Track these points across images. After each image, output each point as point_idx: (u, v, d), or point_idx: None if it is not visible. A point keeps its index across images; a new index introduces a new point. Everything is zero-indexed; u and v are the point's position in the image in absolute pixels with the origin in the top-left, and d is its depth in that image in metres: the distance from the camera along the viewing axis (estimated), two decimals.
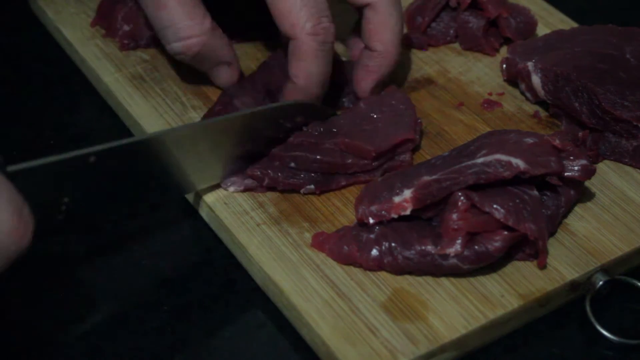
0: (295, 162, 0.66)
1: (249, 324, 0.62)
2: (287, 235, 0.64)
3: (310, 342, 0.59)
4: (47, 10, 0.85)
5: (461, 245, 0.59)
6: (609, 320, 0.61)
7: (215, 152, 0.65)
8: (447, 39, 0.83)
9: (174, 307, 0.62)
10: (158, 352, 0.60)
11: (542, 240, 0.60)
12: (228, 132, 0.65)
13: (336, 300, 0.59)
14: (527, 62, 0.74)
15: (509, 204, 0.60)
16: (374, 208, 0.62)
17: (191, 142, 0.63)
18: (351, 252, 0.62)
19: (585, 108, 0.71)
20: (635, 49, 0.74)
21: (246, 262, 0.64)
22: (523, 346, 0.61)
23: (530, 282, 0.61)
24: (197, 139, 0.64)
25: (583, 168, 0.63)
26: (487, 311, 0.59)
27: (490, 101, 0.77)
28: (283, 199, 0.67)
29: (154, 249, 0.67)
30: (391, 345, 0.57)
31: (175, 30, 0.69)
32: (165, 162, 0.63)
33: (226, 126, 0.65)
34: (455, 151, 0.66)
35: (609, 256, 0.63)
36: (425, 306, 0.59)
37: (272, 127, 0.67)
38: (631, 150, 0.70)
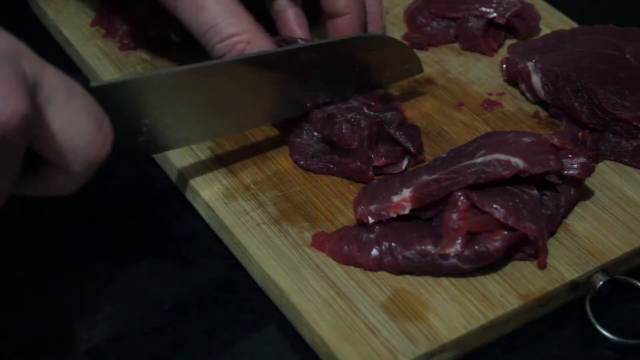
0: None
1: (249, 324, 0.62)
2: (287, 235, 0.64)
3: (310, 342, 0.59)
4: (47, 10, 0.85)
5: (461, 245, 0.59)
6: (609, 320, 0.61)
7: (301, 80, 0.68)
8: (447, 39, 0.83)
9: (174, 307, 0.62)
10: (158, 352, 0.60)
11: (542, 240, 0.60)
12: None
13: (336, 300, 0.59)
14: (527, 62, 0.75)
15: (508, 203, 0.60)
16: (373, 207, 0.62)
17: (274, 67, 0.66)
18: (351, 252, 0.62)
19: (585, 108, 0.71)
20: (635, 49, 0.74)
21: (246, 262, 0.64)
22: (523, 346, 0.61)
23: (530, 282, 0.61)
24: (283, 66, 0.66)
25: (582, 166, 0.63)
26: (487, 311, 0.59)
27: (490, 101, 0.77)
28: (283, 199, 0.67)
29: (154, 248, 0.67)
30: (391, 345, 0.57)
31: (218, 30, 0.67)
32: (244, 87, 0.64)
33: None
34: (454, 152, 0.66)
35: (609, 256, 0.63)
36: (425, 306, 0.59)
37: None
38: (631, 150, 0.70)
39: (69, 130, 0.51)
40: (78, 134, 0.51)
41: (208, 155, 0.70)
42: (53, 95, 0.50)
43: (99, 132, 0.52)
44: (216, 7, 0.67)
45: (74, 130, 0.51)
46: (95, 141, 0.52)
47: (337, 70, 0.69)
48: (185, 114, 0.64)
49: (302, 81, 0.68)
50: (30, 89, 0.48)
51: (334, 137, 0.68)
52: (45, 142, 0.50)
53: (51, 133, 0.50)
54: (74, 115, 0.51)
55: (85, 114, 0.52)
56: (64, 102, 0.50)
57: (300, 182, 0.68)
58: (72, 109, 0.51)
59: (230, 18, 0.67)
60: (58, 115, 0.50)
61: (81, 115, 0.51)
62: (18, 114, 0.46)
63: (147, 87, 0.61)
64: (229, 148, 0.71)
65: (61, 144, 0.51)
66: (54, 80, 0.50)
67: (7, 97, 0.46)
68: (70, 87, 0.51)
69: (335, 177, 0.69)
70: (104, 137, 0.53)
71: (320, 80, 0.69)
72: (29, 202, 0.61)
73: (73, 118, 0.51)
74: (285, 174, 0.69)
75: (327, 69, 0.69)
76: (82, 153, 0.52)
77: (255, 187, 0.68)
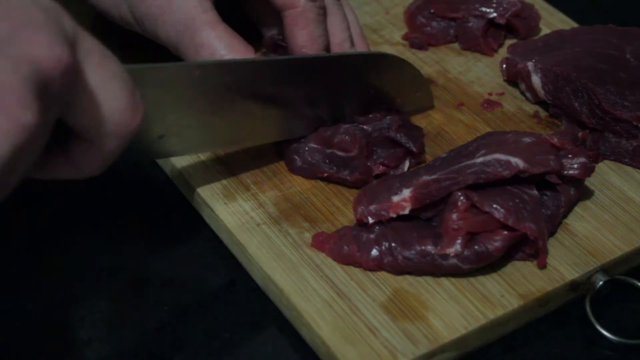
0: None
1: (249, 324, 0.62)
2: (287, 235, 0.64)
3: (310, 342, 0.59)
4: None
5: (461, 245, 0.59)
6: (609, 320, 0.61)
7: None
8: (447, 39, 0.83)
9: (174, 307, 0.62)
10: (158, 352, 0.60)
11: (542, 240, 0.60)
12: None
13: (336, 300, 0.59)
14: (527, 62, 0.75)
15: (508, 203, 0.60)
16: (372, 207, 0.62)
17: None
18: (351, 252, 0.62)
19: (585, 108, 0.71)
20: (635, 49, 0.74)
21: (246, 262, 0.64)
22: (523, 346, 0.61)
23: (530, 282, 0.61)
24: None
25: (582, 166, 0.63)
26: (487, 311, 0.59)
27: (490, 101, 0.77)
28: (283, 199, 0.67)
29: (154, 248, 0.67)
30: (391, 345, 0.57)
31: None
32: (266, 93, 0.66)
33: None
34: (454, 152, 0.66)
35: (609, 256, 0.63)
36: (425, 306, 0.59)
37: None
38: (631, 150, 0.70)
39: (103, 94, 0.50)
40: (111, 99, 0.51)
41: (208, 155, 0.70)
42: (88, 56, 0.50)
43: (131, 100, 0.52)
44: (215, 44, 0.67)
45: (108, 94, 0.50)
46: (128, 109, 0.51)
47: (345, 88, 0.69)
48: (202, 116, 0.64)
49: (310, 99, 0.68)
50: (70, 42, 0.48)
51: (333, 146, 0.67)
52: (78, 105, 0.50)
53: (85, 94, 0.50)
54: (108, 78, 0.50)
55: (118, 79, 0.51)
56: (99, 64, 0.50)
57: (300, 182, 0.68)
58: (107, 72, 0.50)
59: (229, 53, 0.67)
60: (93, 76, 0.50)
61: (115, 80, 0.51)
62: (61, 62, 0.47)
63: (174, 78, 0.61)
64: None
65: (94, 108, 0.50)
66: (89, 42, 0.50)
67: (52, 45, 0.46)
68: (105, 52, 0.51)
69: None
70: (136, 106, 0.52)
71: (328, 98, 0.69)
72: (27, 197, 0.61)
73: (107, 81, 0.50)
74: (285, 174, 0.69)
75: (333, 85, 0.69)
76: (114, 121, 0.51)
77: (255, 187, 0.68)
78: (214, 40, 0.67)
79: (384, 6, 0.87)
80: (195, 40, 0.67)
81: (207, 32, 0.67)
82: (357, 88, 0.70)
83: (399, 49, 0.82)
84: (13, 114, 0.44)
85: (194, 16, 0.67)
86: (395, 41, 0.83)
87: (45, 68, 0.46)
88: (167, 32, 0.68)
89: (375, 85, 0.70)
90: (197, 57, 0.68)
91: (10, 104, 0.44)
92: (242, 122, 0.66)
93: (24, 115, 0.45)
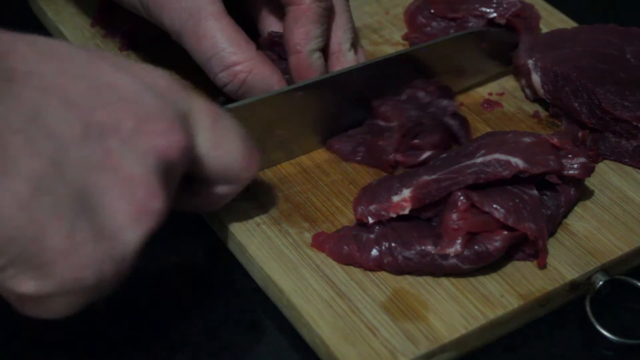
0: None
1: (249, 324, 0.62)
2: (287, 235, 0.64)
3: (310, 342, 0.59)
4: (47, 11, 0.85)
5: (461, 245, 0.59)
6: (609, 320, 0.61)
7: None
8: None
9: (174, 307, 0.62)
10: (158, 352, 0.60)
11: (542, 240, 0.60)
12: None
13: (336, 300, 0.59)
14: (527, 59, 0.74)
15: (508, 203, 0.60)
16: (372, 207, 0.62)
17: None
18: (351, 252, 0.62)
19: (585, 108, 0.71)
20: (635, 49, 0.74)
21: (246, 262, 0.64)
22: (523, 346, 0.61)
23: (530, 282, 0.61)
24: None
25: (582, 166, 0.63)
26: (487, 311, 0.59)
27: (490, 101, 0.77)
28: (283, 199, 0.67)
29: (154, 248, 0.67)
30: (391, 345, 0.57)
31: (220, 58, 0.68)
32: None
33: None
34: (453, 152, 0.66)
35: (609, 256, 0.63)
36: (425, 306, 0.59)
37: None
38: (631, 150, 0.70)
39: (218, 151, 0.55)
40: (226, 154, 0.56)
41: None
42: (201, 121, 0.54)
43: (245, 151, 0.57)
44: (217, 36, 0.67)
45: (223, 151, 0.56)
46: (244, 160, 0.57)
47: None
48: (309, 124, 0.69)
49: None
50: (184, 119, 0.52)
51: (379, 115, 0.69)
52: (198, 164, 0.55)
53: (203, 155, 0.55)
54: (222, 136, 0.55)
55: (231, 134, 0.56)
56: (212, 126, 0.55)
57: (300, 182, 0.68)
58: (219, 131, 0.55)
59: (231, 47, 0.68)
60: (207, 138, 0.54)
61: (228, 136, 0.56)
62: (179, 146, 0.51)
63: (277, 103, 0.66)
64: None
65: (211, 164, 0.55)
66: (200, 107, 0.54)
67: (169, 132, 0.50)
68: (215, 111, 0.55)
69: (335, 177, 0.69)
70: (252, 155, 0.57)
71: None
72: None
73: (221, 139, 0.55)
74: (285, 174, 0.69)
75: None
76: (232, 172, 0.57)
77: (255, 187, 0.68)
78: (216, 32, 0.67)
79: (384, 6, 0.87)
80: (198, 30, 0.67)
81: (211, 23, 0.67)
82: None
83: (399, 49, 0.82)
84: (144, 204, 0.49)
85: (200, 6, 0.67)
86: (395, 41, 0.83)
87: (167, 155, 0.50)
88: (172, 19, 0.68)
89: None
90: (198, 47, 0.68)
91: (140, 195, 0.49)
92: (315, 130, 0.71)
93: (152, 203, 0.49)
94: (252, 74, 0.68)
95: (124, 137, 0.49)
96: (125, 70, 0.51)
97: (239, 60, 0.68)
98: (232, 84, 0.68)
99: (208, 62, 0.68)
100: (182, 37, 0.69)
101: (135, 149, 0.49)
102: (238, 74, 0.68)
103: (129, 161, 0.49)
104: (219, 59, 0.68)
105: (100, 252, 0.48)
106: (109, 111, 0.49)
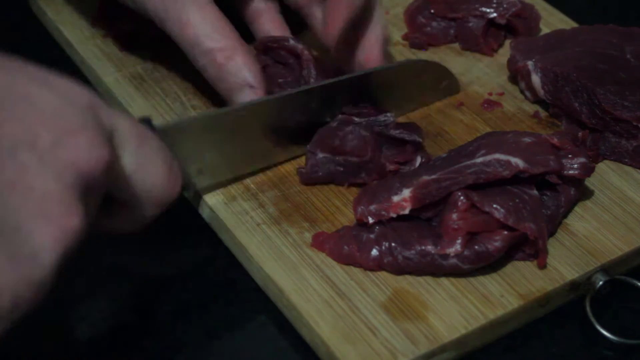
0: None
1: (249, 324, 0.62)
2: (287, 235, 0.64)
3: (310, 342, 0.59)
4: (47, 11, 0.85)
5: (461, 245, 0.59)
6: (609, 320, 0.61)
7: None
8: (447, 39, 0.83)
9: (174, 307, 0.62)
10: (158, 352, 0.60)
11: (542, 240, 0.60)
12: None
13: (336, 300, 0.59)
14: (527, 61, 0.74)
15: (508, 203, 0.60)
16: (373, 207, 0.62)
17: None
18: (351, 252, 0.62)
19: (585, 108, 0.71)
20: (635, 49, 0.74)
21: (246, 262, 0.64)
22: (523, 346, 0.61)
23: (530, 282, 0.61)
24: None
25: (582, 166, 0.63)
26: (487, 311, 0.59)
27: (490, 101, 0.77)
28: (283, 199, 0.67)
29: (154, 248, 0.67)
30: (391, 345, 0.57)
31: (200, 44, 0.68)
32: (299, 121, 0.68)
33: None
34: (454, 152, 0.66)
35: (609, 256, 0.63)
36: (425, 306, 0.59)
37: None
38: (631, 150, 0.70)
39: (142, 174, 0.54)
40: (150, 177, 0.55)
41: None
42: (126, 141, 0.53)
43: (170, 174, 0.56)
44: (200, 23, 0.67)
45: (147, 173, 0.54)
46: (167, 183, 0.56)
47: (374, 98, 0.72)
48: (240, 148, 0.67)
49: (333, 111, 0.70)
50: (108, 137, 0.50)
51: (346, 153, 0.67)
52: (119, 184, 0.53)
53: (126, 176, 0.53)
54: (146, 158, 0.54)
55: (156, 157, 0.55)
56: (137, 147, 0.53)
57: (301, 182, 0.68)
58: (145, 153, 0.54)
59: (212, 33, 0.68)
60: (132, 160, 0.53)
61: (153, 159, 0.55)
62: (101, 162, 0.49)
63: (205, 126, 0.64)
64: None
65: (134, 186, 0.54)
66: (126, 127, 0.53)
67: (92, 146, 0.48)
68: (142, 132, 0.54)
69: None
70: (175, 178, 0.56)
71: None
72: None
73: (146, 162, 0.54)
74: (285, 174, 0.69)
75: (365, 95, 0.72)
76: (153, 194, 0.55)
77: (255, 187, 0.68)
78: (199, 18, 0.67)
79: (384, 6, 0.87)
80: (181, 18, 0.67)
81: (194, 11, 0.67)
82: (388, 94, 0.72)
83: (399, 49, 0.82)
84: (60, 222, 0.46)
85: None
86: (395, 41, 0.83)
87: (87, 171, 0.48)
88: (155, 7, 0.68)
89: (405, 87, 0.74)
90: (181, 35, 0.68)
91: (57, 213, 0.46)
92: (267, 146, 0.69)
93: (70, 221, 0.46)
94: (231, 60, 0.68)
95: (40, 153, 0.46)
96: (44, 83, 0.49)
97: (219, 46, 0.68)
98: (210, 69, 0.68)
99: (191, 48, 0.68)
100: (165, 24, 0.69)
101: (53, 164, 0.46)
102: (217, 59, 0.68)
103: (45, 178, 0.46)
104: (200, 45, 0.68)
105: (16, 276, 0.45)
106: (23, 125, 0.46)
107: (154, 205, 0.56)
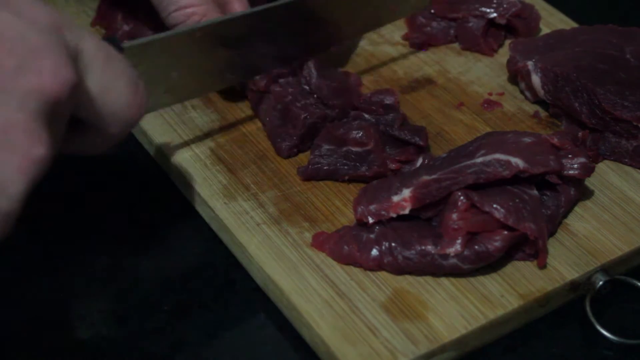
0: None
1: (249, 324, 0.62)
2: (287, 235, 0.64)
3: (310, 342, 0.59)
4: None
5: (461, 245, 0.59)
6: (609, 320, 0.61)
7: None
8: (447, 39, 0.83)
9: (174, 307, 0.62)
10: (158, 352, 0.60)
11: (542, 240, 0.60)
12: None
13: (336, 300, 0.59)
14: (527, 61, 0.74)
15: (508, 203, 0.60)
16: (373, 207, 0.62)
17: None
18: (351, 252, 0.62)
19: (585, 108, 0.71)
20: (635, 49, 0.74)
21: (246, 262, 0.64)
22: (523, 346, 0.61)
23: (530, 282, 0.61)
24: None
25: (582, 166, 0.63)
26: (487, 311, 0.59)
27: (490, 101, 0.77)
28: (283, 199, 0.67)
29: (154, 248, 0.67)
30: (391, 345, 0.57)
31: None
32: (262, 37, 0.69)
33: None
34: (454, 152, 0.66)
35: (609, 256, 0.63)
36: (425, 306, 0.59)
37: None
38: (631, 150, 0.70)
39: (108, 94, 0.52)
40: (116, 98, 0.53)
41: (208, 155, 0.70)
42: (92, 62, 0.51)
43: (135, 95, 0.54)
44: None
45: (113, 94, 0.53)
46: (132, 104, 0.54)
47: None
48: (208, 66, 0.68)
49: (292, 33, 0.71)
50: (73, 57, 0.49)
51: (348, 143, 0.68)
52: (85, 106, 0.51)
53: (91, 97, 0.51)
54: (112, 79, 0.52)
55: (122, 77, 0.53)
56: (103, 68, 0.52)
57: (300, 182, 0.68)
58: (110, 73, 0.52)
59: None
60: (97, 80, 0.51)
61: (119, 80, 0.53)
62: (67, 84, 0.47)
63: (170, 45, 0.65)
64: (229, 148, 0.71)
65: (100, 107, 0.52)
66: (92, 47, 0.51)
67: (57, 69, 0.47)
68: (108, 52, 0.53)
69: None
70: (140, 99, 0.54)
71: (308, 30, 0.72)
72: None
73: (111, 82, 0.52)
74: (285, 174, 0.69)
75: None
76: (119, 116, 0.53)
77: (255, 187, 0.68)
78: None
79: None
80: None
81: None
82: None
83: (399, 49, 0.82)
84: (26, 152, 0.45)
85: None
86: (395, 41, 0.83)
87: (52, 94, 0.47)
88: None
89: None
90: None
91: (21, 141, 0.45)
92: (223, 67, 0.70)
93: (36, 150, 0.46)
94: (205, 17, 0.70)
95: (3, 80, 0.45)
96: (3, 4, 0.47)
97: (194, 2, 0.70)
98: (184, 24, 0.70)
99: (163, 1, 0.70)
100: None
101: (16, 92, 0.45)
102: (191, 15, 0.70)
103: (7, 107, 0.45)
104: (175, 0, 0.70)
105: None
106: None
107: (120, 125, 0.54)
